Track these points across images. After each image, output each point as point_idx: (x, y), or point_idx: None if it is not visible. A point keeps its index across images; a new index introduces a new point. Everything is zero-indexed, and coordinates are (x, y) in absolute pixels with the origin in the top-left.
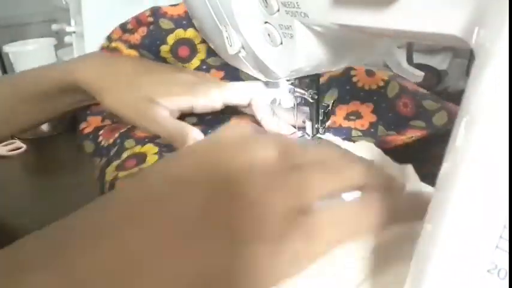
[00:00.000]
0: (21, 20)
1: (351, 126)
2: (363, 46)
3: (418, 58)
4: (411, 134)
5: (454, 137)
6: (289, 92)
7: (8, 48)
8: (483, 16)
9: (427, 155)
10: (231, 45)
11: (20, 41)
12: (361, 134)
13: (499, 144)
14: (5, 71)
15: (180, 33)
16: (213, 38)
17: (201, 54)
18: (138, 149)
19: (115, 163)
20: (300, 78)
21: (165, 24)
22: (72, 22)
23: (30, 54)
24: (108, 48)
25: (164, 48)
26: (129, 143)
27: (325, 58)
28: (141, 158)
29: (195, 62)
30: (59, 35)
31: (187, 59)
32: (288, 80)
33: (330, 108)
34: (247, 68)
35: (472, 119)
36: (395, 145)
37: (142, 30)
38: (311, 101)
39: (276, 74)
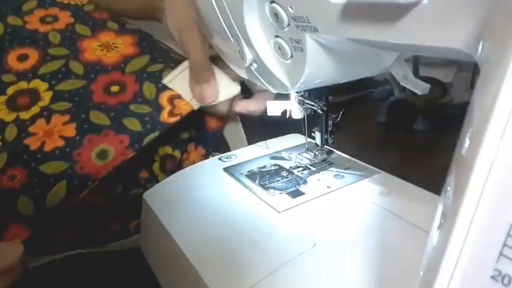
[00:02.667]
0: None
1: None
2: (370, 59)
3: (424, 71)
4: None
5: (459, 148)
6: (299, 103)
7: None
8: (487, 30)
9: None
10: (243, 58)
11: None
12: None
13: (504, 156)
14: None
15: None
16: (226, 52)
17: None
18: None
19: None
20: (310, 90)
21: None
22: None
23: None
24: None
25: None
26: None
27: (334, 71)
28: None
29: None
30: None
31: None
32: (297, 92)
33: (338, 119)
34: (259, 81)
35: (477, 130)
36: None
37: None
38: (320, 112)
39: (286, 86)
